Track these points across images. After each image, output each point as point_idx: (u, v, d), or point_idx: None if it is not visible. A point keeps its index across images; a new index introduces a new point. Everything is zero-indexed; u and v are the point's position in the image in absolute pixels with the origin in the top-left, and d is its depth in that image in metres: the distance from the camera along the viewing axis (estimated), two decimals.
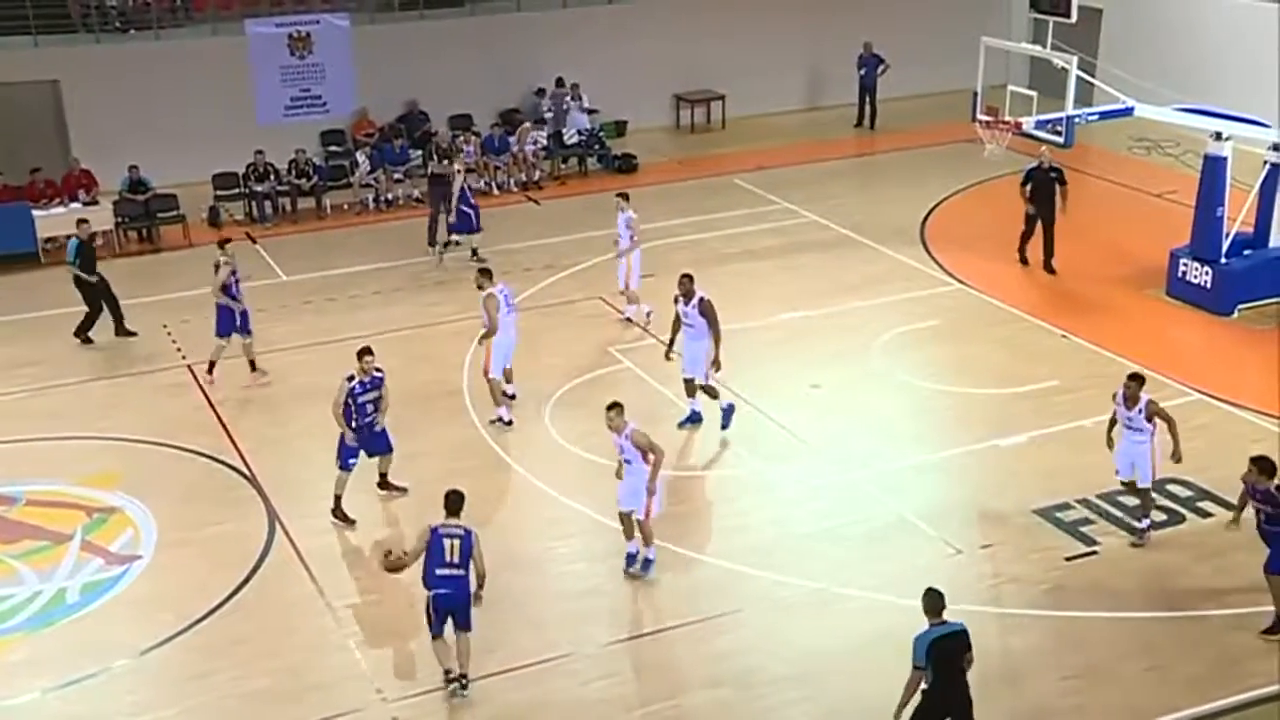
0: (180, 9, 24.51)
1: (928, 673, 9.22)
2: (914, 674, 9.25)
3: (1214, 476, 13.54)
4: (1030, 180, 18.89)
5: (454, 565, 10.57)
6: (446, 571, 10.58)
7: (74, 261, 17.52)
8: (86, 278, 17.51)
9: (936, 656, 9.21)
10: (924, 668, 9.20)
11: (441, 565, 10.57)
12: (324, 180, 22.79)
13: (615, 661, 11.28)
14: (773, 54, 27.12)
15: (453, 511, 10.79)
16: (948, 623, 9.36)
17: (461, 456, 14.42)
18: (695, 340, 14.41)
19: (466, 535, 10.65)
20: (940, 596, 9.43)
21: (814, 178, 23.65)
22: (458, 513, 10.79)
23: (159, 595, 12.29)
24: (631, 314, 17.52)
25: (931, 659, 9.20)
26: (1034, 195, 18.85)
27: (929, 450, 14.39)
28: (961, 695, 9.39)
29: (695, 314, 14.32)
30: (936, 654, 9.21)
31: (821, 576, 12.17)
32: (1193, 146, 21.03)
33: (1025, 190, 18.96)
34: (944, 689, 9.31)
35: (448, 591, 10.59)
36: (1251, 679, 10.71)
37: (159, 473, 14.41)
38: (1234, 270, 17.58)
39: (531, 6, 25.97)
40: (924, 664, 9.19)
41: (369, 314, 18.32)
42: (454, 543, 10.59)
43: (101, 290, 17.66)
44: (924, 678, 9.26)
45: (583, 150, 24.67)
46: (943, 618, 9.36)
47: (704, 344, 14.36)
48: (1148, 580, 12.03)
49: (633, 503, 12.04)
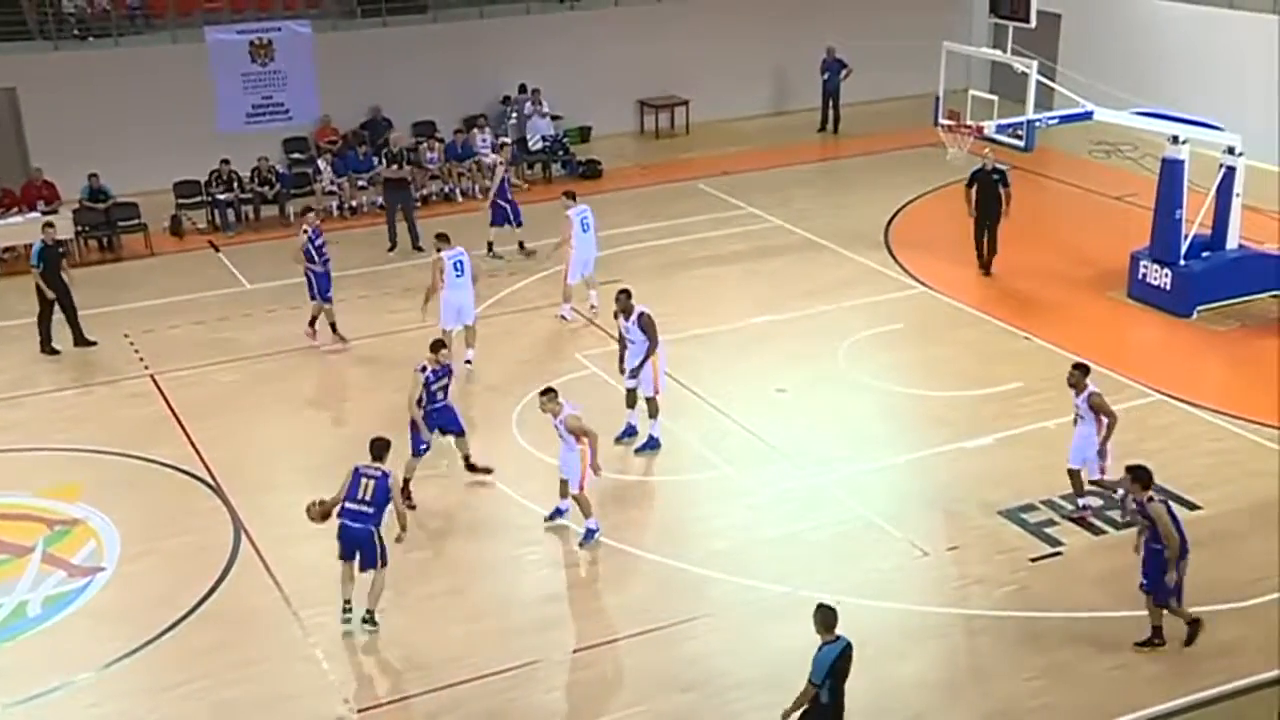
0: (139, 16, 24.32)
1: (823, 690, 9.32)
2: (808, 688, 9.33)
3: (1174, 475, 13.69)
4: (975, 182, 19.08)
5: (364, 503, 11.45)
6: (355, 507, 11.46)
7: (37, 265, 17.26)
8: (45, 290, 17.20)
9: (833, 674, 9.33)
10: (820, 685, 9.29)
11: (353, 500, 11.48)
12: (287, 188, 22.66)
13: (583, 668, 11.27)
14: (736, 59, 27.24)
15: (376, 456, 11.70)
16: (840, 638, 9.42)
17: (428, 463, 14.37)
18: (638, 356, 14.36)
19: (383, 478, 11.52)
20: (833, 612, 9.42)
21: (778, 182, 23.75)
22: (380, 458, 11.69)
23: (123, 607, 12.18)
24: (565, 312, 17.75)
25: (828, 676, 9.31)
26: (979, 198, 19.03)
27: (895, 453, 14.47)
28: (842, 707, 9.50)
29: (635, 329, 14.29)
30: (834, 672, 9.34)
31: (789, 580, 12.21)
32: (1151, 150, 21.28)
33: (970, 193, 19.15)
34: (836, 705, 9.42)
35: (353, 526, 11.45)
36: (1213, 676, 10.83)
37: (122, 484, 14.28)
38: (1193, 272, 17.78)
39: (495, 13, 25.97)
40: (820, 682, 9.28)
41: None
42: (369, 482, 11.50)
43: (60, 298, 17.34)
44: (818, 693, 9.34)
45: (547, 156, 24.66)
46: (835, 634, 9.42)
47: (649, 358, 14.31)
48: (1111, 580, 12.14)
49: (568, 473, 12.93)
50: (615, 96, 26.73)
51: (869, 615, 11.64)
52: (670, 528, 13.42)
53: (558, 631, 11.72)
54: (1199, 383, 16.00)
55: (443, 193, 23.24)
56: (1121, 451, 14.18)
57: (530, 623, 11.82)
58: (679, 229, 21.55)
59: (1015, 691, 10.82)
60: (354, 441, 14.25)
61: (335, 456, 14.42)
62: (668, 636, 11.56)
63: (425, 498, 13.81)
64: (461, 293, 16.31)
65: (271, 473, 14.42)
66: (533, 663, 11.24)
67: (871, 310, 18.12)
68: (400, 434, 14.46)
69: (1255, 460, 14.10)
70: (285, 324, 18.23)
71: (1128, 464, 11.13)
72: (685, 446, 14.70)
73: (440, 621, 11.86)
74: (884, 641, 11.29)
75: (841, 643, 9.40)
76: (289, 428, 15.38)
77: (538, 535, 13.19)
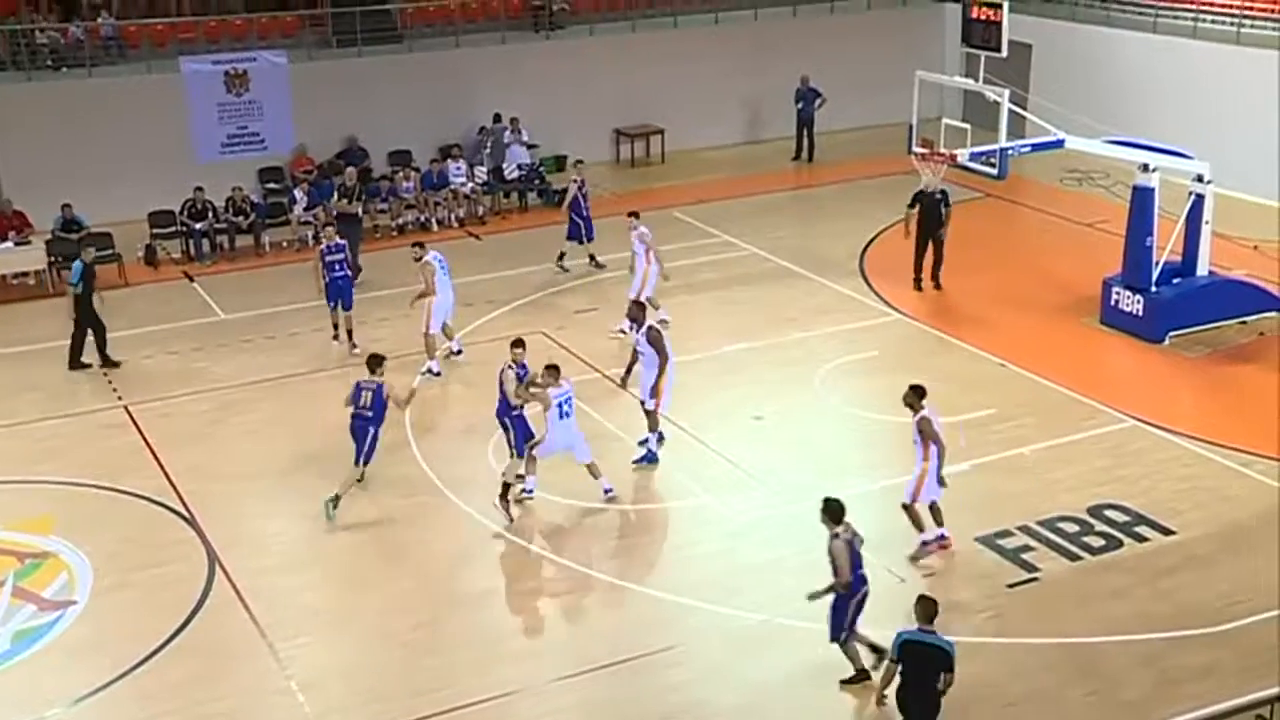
0: (114, 47, 24.27)
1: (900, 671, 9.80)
2: (888, 666, 9.97)
3: (1148, 500, 13.80)
4: (917, 203, 19.54)
5: (365, 409, 13.76)
6: (358, 412, 13.83)
7: (76, 284, 17.58)
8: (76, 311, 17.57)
9: (906, 659, 9.72)
10: (896, 662, 9.84)
11: (355, 407, 13.82)
12: (262, 217, 22.60)
13: (563, 697, 11.21)
14: (711, 88, 27.41)
15: (372, 370, 13.90)
16: (932, 633, 9.79)
17: (405, 493, 14.32)
18: (651, 369, 14.58)
19: (379, 388, 13.75)
20: (932, 603, 9.90)
21: (754, 210, 23.86)
22: (374, 371, 13.85)
23: (95, 641, 12.04)
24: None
25: (902, 659, 9.75)
26: (921, 217, 19.54)
27: (871, 480, 14.49)
28: (925, 707, 9.78)
29: (644, 343, 14.55)
30: (906, 656, 9.72)
31: (767, 608, 12.19)
32: (1122, 178, 21.49)
33: (912, 212, 19.61)
34: (911, 694, 9.80)
35: (358, 425, 13.82)
36: (1190, 701, 10.84)
37: (95, 516, 14.15)
38: (1164, 298, 17.94)
39: (470, 43, 26.06)
40: (895, 658, 9.85)
41: (308, 351, 18.17)
42: (368, 393, 13.75)
43: (90, 315, 17.65)
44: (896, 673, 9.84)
45: (523, 185, 24.70)
46: (931, 626, 9.80)
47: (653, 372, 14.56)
48: (1087, 605, 12.18)
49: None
50: (591, 126, 26.82)
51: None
52: (648, 556, 13.39)
53: (535, 662, 11.66)
54: (1172, 408, 16.11)
55: (419, 222, 23.23)
56: (1097, 478, 14.36)
57: (508, 653, 11.76)
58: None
59: (994, 718, 10.80)
60: (329, 472, 14.25)
61: (309, 487, 14.41)
62: (646, 665, 11.52)
63: (399, 528, 13.75)
64: (449, 291, 17.27)
65: (245, 503, 14.32)
66: (511, 693, 11.17)
67: (847, 337, 18.19)
68: (376, 457, 14.42)
69: (1228, 485, 14.20)
70: (260, 354, 18.15)
71: (824, 496, 11.07)
72: (663, 475, 14.69)
73: (417, 653, 11.77)
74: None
75: (925, 635, 9.75)
76: (263, 458, 15.27)
77: (514, 564, 13.13)
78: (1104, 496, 13.93)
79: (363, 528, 13.71)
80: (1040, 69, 26.48)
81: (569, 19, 27.26)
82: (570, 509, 13.97)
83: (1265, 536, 13.18)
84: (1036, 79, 25.88)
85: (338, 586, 12.89)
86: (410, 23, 26.26)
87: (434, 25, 26.45)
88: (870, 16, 29.18)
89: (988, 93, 18.12)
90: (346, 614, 12.39)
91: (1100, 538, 13.23)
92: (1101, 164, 23.50)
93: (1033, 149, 18.99)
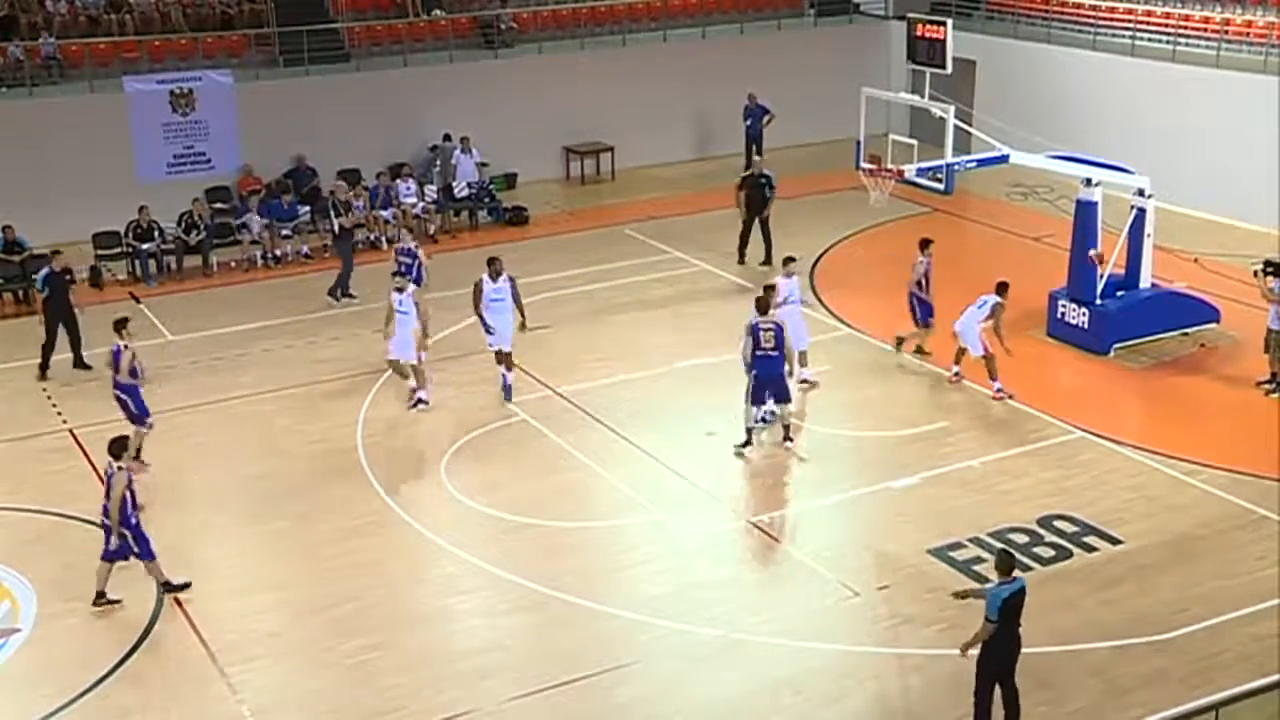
0: (54, 66, 23.98)
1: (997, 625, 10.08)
2: (985, 625, 10.16)
3: (1096, 510, 13.96)
4: (744, 185, 21.82)
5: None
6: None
7: (42, 289, 17.77)
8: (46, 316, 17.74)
9: (1005, 611, 10.05)
10: (995, 621, 10.07)
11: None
12: (210, 237, 22.37)
13: (517, 717, 11.15)
14: (660, 106, 27.51)
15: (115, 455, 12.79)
16: (1016, 579, 10.16)
17: (357, 514, 14.21)
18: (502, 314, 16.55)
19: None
20: (1012, 556, 10.47)
21: (704, 227, 23.94)
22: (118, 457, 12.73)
23: (39, 669, 11.83)
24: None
25: (1001, 614, 10.05)
26: (748, 199, 21.66)
27: (824, 494, 14.57)
28: (1017, 645, 10.29)
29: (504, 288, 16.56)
30: (1006, 609, 10.06)
31: (721, 623, 12.21)
32: (1066, 192, 21.78)
33: (740, 195, 21.77)
34: (1007, 641, 10.20)
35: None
36: (1137, 709, 10.96)
37: (39, 541, 13.92)
38: (1109, 311, 18.19)
39: (418, 61, 26.00)
40: (995, 619, 10.06)
41: (257, 372, 18.01)
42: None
43: (66, 323, 17.86)
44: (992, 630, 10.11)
45: (473, 204, 24.66)
46: (1012, 576, 10.17)
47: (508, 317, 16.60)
48: (1038, 615, 12.22)
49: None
50: (540, 143, 26.83)
51: (802, 657, 11.68)
52: (603, 573, 13.36)
53: (491, 681, 11.59)
54: (1118, 419, 16.32)
55: (368, 240, 23.09)
56: (1045, 489, 14.51)
57: (462, 673, 11.68)
58: (605, 274, 21.62)
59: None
60: (277, 494, 14.11)
61: (258, 509, 14.26)
62: (601, 683, 11.49)
63: (351, 549, 13.63)
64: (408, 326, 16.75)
65: (193, 526, 14.14)
66: (465, 713, 11.10)
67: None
68: (327, 480, 14.28)
69: (1173, 495, 14.40)
70: (207, 376, 17.96)
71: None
72: (616, 491, 14.68)
73: (370, 673, 11.67)
74: (817, 684, 11.33)
75: (1018, 583, 10.10)
76: (211, 480, 15.11)
77: (467, 584, 13.07)
78: (1053, 508, 14.08)
79: (313, 548, 13.57)
80: (984, 85, 26.84)
81: (518, 37, 27.29)
82: (524, 527, 13.93)
83: (1210, 545, 13.38)
84: (981, 95, 26.22)
85: (288, 609, 12.75)
86: (358, 42, 26.16)
87: (382, 44, 26.37)
88: (817, 34, 29.46)
89: (933, 109, 18.32)
90: (298, 637, 12.27)
91: (1050, 548, 13.36)
92: (1046, 179, 23.82)
93: (979, 164, 19.19)
